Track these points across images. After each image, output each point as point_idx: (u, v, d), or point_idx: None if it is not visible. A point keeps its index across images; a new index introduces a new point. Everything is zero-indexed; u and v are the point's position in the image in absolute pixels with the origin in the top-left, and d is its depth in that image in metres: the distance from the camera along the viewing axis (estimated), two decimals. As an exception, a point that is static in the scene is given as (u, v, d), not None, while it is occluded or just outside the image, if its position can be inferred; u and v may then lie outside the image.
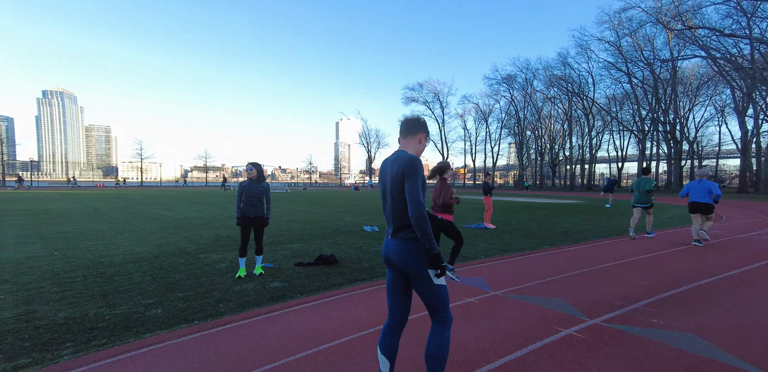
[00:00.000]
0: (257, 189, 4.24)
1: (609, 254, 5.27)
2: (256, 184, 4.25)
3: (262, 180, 4.36)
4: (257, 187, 4.24)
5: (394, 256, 1.67)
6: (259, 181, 4.31)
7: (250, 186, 4.22)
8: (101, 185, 43.78)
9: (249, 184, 4.22)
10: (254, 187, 4.23)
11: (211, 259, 4.92)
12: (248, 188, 4.20)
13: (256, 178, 4.27)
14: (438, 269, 1.58)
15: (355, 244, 5.97)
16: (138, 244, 5.94)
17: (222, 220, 9.39)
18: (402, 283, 1.74)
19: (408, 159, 1.64)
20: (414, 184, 1.60)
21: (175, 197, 20.41)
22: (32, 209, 11.64)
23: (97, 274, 4.10)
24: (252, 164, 4.31)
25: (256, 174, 4.28)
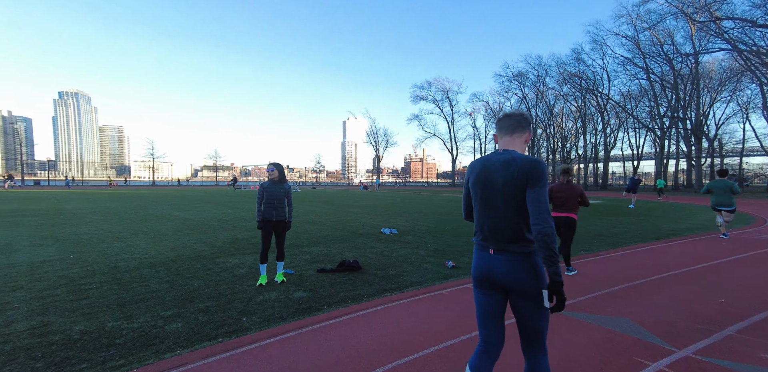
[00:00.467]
0: (278, 191, 4.00)
1: (656, 262, 4.88)
2: (278, 186, 4.01)
3: (284, 181, 4.12)
4: (278, 188, 4.01)
5: (502, 274, 1.41)
6: (281, 182, 4.07)
7: (272, 188, 3.98)
8: (115, 184, 44.51)
9: (270, 185, 3.99)
10: (275, 188, 3.99)
11: (228, 264, 4.71)
12: (269, 190, 3.96)
13: (277, 179, 4.03)
14: (556, 294, 1.32)
15: (375, 248, 5.70)
16: (153, 246, 5.79)
17: (235, 221, 9.24)
18: (502, 307, 1.49)
19: (533, 162, 1.38)
20: (542, 192, 1.36)
21: (186, 197, 20.48)
22: (47, 209, 11.70)
23: (113, 280, 3.92)
24: (273, 165, 4.07)
25: (278, 175, 4.04)
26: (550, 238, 1.30)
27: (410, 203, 16.46)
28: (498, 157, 1.48)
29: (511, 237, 1.41)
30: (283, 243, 4.10)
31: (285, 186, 4.10)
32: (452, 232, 7.51)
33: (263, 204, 3.97)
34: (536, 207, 1.34)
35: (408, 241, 6.40)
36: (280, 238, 4.07)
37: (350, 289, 3.66)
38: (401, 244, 6.11)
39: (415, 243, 6.18)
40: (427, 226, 8.43)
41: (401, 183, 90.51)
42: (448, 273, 4.24)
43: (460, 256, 5.16)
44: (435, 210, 12.72)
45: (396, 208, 13.70)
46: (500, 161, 1.46)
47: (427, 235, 6.98)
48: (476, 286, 1.52)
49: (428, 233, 7.28)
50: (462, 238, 6.74)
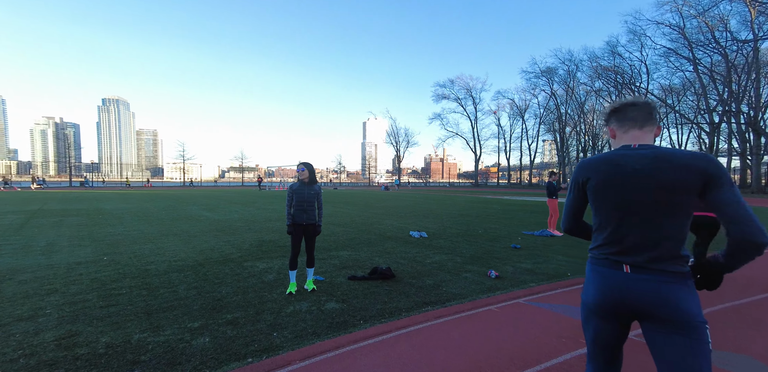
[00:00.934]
0: (309, 193, 3.76)
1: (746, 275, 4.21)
2: (308, 187, 3.77)
3: (314, 182, 3.88)
4: (308, 190, 3.77)
5: (645, 299, 1.08)
6: (311, 183, 3.83)
7: (302, 189, 3.75)
8: (149, 185, 47.02)
9: (300, 187, 3.76)
10: (305, 190, 3.75)
11: (256, 268, 4.54)
12: (299, 192, 3.73)
13: (308, 180, 3.79)
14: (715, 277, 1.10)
15: (407, 254, 5.36)
16: (182, 248, 5.76)
17: (262, 222, 9.21)
18: (624, 337, 1.20)
19: (704, 157, 1.06)
20: (737, 192, 1.04)
21: (215, 197, 21.08)
22: (89, 209, 12.30)
23: (142, 284, 3.83)
24: (304, 164, 3.84)
25: (308, 175, 3.80)
26: (760, 249, 0.99)
27: (435, 204, 15.98)
28: (639, 154, 1.13)
29: (666, 253, 1.07)
30: (313, 248, 3.86)
31: (315, 187, 3.85)
32: (486, 236, 7.03)
33: (293, 206, 3.75)
34: (736, 210, 1.01)
35: (440, 245, 6.01)
36: (310, 242, 3.83)
37: (386, 301, 3.34)
38: (433, 249, 5.74)
39: (448, 248, 5.78)
40: (457, 229, 7.98)
41: (422, 183, 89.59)
42: (492, 284, 3.83)
43: (501, 264, 4.72)
44: (463, 212, 12.20)
45: (421, 209, 13.28)
46: (647, 158, 1.11)
47: (460, 240, 6.55)
48: (594, 312, 1.18)
49: (460, 237, 6.85)
50: (498, 243, 6.26)
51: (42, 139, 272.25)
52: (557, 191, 7.18)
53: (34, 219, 9.38)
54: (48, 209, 12.06)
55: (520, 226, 8.50)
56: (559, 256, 5.22)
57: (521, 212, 12.04)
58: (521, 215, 11.00)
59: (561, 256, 5.18)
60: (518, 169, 63.82)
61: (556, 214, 7.11)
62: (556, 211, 7.13)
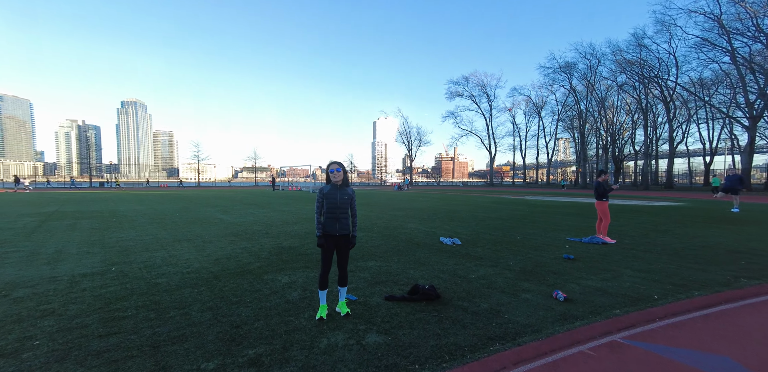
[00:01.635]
0: (342, 197, 3.17)
1: None
2: (341, 191, 3.18)
3: (347, 185, 3.29)
4: (341, 194, 3.18)
5: None
6: (345, 186, 3.24)
7: (333, 193, 3.16)
8: (165, 185, 47.75)
9: (332, 190, 3.17)
10: (338, 194, 3.16)
11: (278, 283, 3.99)
12: (331, 196, 3.14)
13: (341, 182, 3.20)
14: None
15: (444, 266, 4.72)
16: (197, 256, 5.28)
17: (279, 225, 8.72)
18: None
19: None
20: None
21: (229, 198, 20.89)
22: (103, 211, 12.12)
23: (150, 304, 3.32)
24: (337, 164, 3.25)
25: (342, 177, 3.21)
26: None
27: (455, 205, 15.24)
28: None
29: None
30: (346, 264, 3.27)
31: (349, 191, 3.26)
32: (527, 243, 6.30)
33: (323, 214, 3.16)
34: None
35: (479, 255, 5.34)
36: (343, 257, 3.24)
37: (439, 334, 2.72)
38: (473, 259, 5.07)
39: (490, 259, 5.10)
40: (492, 234, 7.27)
41: (434, 183, 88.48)
42: (564, 310, 3.14)
43: (561, 280, 4.01)
44: (489, 214, 11.44)
45: (443, 211, 12.58)
46: None
47: (500, 248, 5.86)
48: None
49: (499, 245, 6.15)
50: (546, 252, 5.54)
51: (66, 141, 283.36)
52: (608, 192, 6.35)
53: (49, 222, 9.15)
54: (64, 211, 11.93)
55: (561, 231, 7.71)
56: (626, 270, 4.46)
57: (554, 215, 11.19)
58: (556, 218, 10.17)
59: (629, 271, 4.42)
60: (534, 168, 62.04)
61: (606, 218, 6.30)
62: (606, 215, 6.32)
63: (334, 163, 3.26)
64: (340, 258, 3.24)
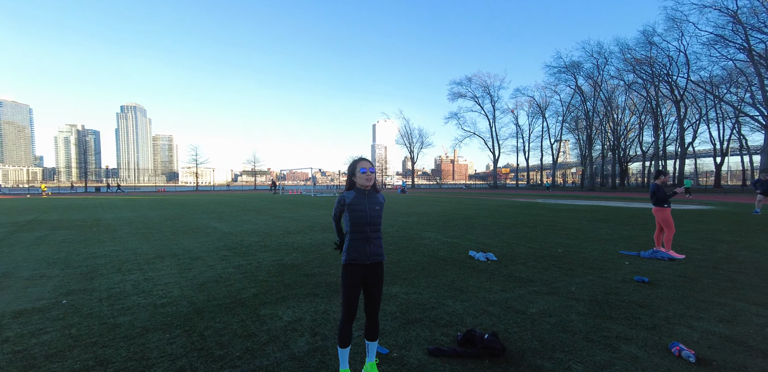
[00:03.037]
0: (373, 208, 2.22)
1: None
2: (371, 200, 2.23)
3: (378, 190, 2.32)
4: (372, 203, 2.23)
5: None
6: (375, 191, 2.27)
7: (361, 203, 2.21)
8: (163, 190, 46.76)
9: (358, 198, 2.22)
10: (369, 205, 2.21)
11: (279, 322, 2.99)
12: (359, 208, 2.20)
13: (370, 186, 2.23)
14: None
15: (488, 292, 3.72)
16: (178, 280, 4.27)
17: (279, 236, 7.72)
18: None
19: None
20: None
21: (226, 203, 19.88)
22: (87, 220, 11.10)
23: (95, 364, 2.31)
24: (368, 162, 2.32)
25: (373, 179, 2.25)
26: None
27: (468, 210, 14.23)
28: None
29: None
30: (378, 306, 2.28)
31: (380, 199, 2.30)
32: (575, 259, 5.29)
33: (349, 232, 2.19)
34: None
35: (527, 276, 4.33)
36: (374, 296, 2.26)
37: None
38: (521, 282, 4.06)
39: (542, 282, 4.10)
40: (526, 246, 6.27)
41: (436, 185, 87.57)
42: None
43: (662, 321, 2.99)
44: (510, 220, 10.42)
45: (458, 216, 11.57)
46: None
47: (548, 266, 4.85)
48: None
49: (542, 261, 5.14)
50: (606, 271, 4.53)
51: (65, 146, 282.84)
52: (669, 197, 5.32)
53: (17, 234, 8.12)
54: (42, 220, 10.91)
55: (604, 241, 6.71)
56: (741, 303, 3.36)
57: (582, 221, 10.18)
58: (585, 225, 9.16)
59: (745, 304, 3.33)
60: (539, 170, 61.04)
61: (669, 228, 5.25)
62: (669, 224, 5.26)
63: (365, 160, 2.28)
64: (369, 298, 2.25)
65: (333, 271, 4.67)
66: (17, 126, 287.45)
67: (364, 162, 2.28)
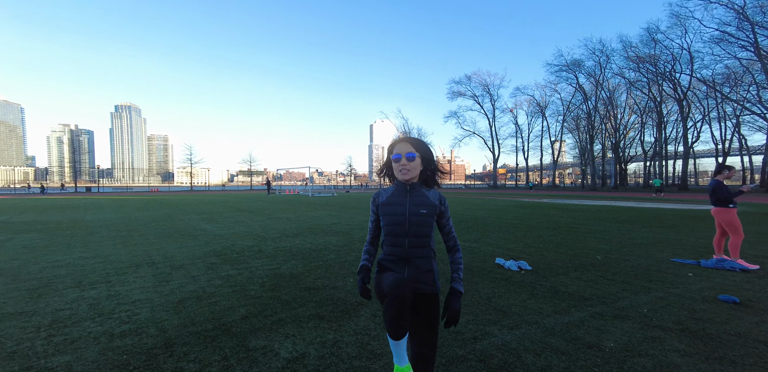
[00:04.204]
0: (416, 211, 1.50)
1: None
2: (414, 196, 1.53)
3: (429, 185, 1.60)
4: (415, 204, 1.51)
5: None
6: (422, 187, 1.56)
7: (399, 202, 1.53)
8: (156, 190, 45.61)
9: (396, 196, 1.55)
10: (409, 205, 1.52)
11: (276, 360, 2.21)
12: (393, 209, 1.52)
13: (416, 179, 1.50)
14: None
15: (539, 315, 2.95)
16: (152, 295, 3.46)
17: (275, 239, 6.91)
18: None
19: None
20: None
21: (220, 203, 18.99)
22: (63, 221, 10.19)
23: None
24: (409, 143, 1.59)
25: (418, 168, 1.50)
26: None
27: (477, 210, 13.49)
28: None
29: None
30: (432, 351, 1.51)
31: (431, 197, 1.54)
32: (623, 268, 4.55)
33: (384, 243, 1.46)
34: None
35: (577, 292, 3.57)
36: (425, 336, 1.49)
37: None
38: (576, 301, 3.29)
39: (600, 299, 3.33)
40: (558, 252, 5.52)
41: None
42: None
43: None
44: (525, 222, 9.69)
45: (468, 217, 10.82)
46: None
47: (594, 277, 4.09)
48: None
49: (585, 271, 4.39)
50: (674, 286, 3.79)
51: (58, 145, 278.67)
52: (734, 196, 4.57)
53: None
54: (11, 222, 9.98)
55: (645, 247, 5.97)
56: None
57: (605, 222, 9.46)
58: (614, 228, 8.42)
59: None
60: (538, 170, 60.58)
61: (736, 233, 4.39)
62: (736, 228, 4.37)
63: (403, 141, 1.53)
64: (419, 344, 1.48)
65: (339, 284, 3.88)
66: (8, 125, 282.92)
67: (402, 144, 1.52)
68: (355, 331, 2.67)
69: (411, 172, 1.48)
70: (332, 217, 10.85)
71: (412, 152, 1.48)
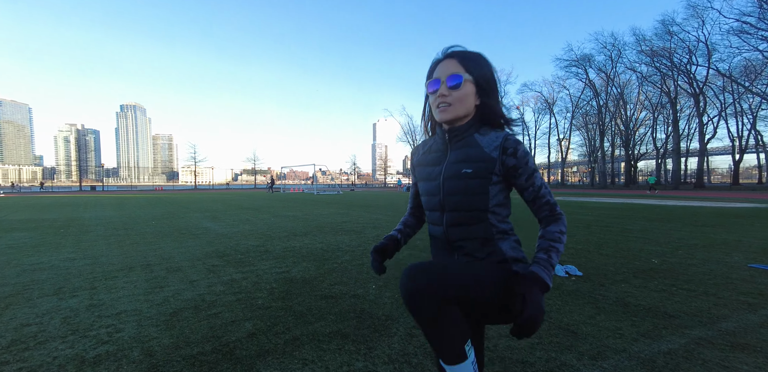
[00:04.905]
0: (454, 170, 1.00)
1: None
2: (455, 149, 1.00)
3: (480, 132, 1.02)
4: (457, 159, 0.99)
5: None
6: (468, 132, 1.00)
7: (435, 158, 1.07)
8: (160, 188, 45.45)
9: (434, 151, 1.07)
10: (450, 159, 1.02)
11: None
12: (426, 170, 1.08)
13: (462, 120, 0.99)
14: None
15: (620, 338, 2.34)
16: (141, 306, 2.91)
17: (282, 238, 6.35)
18: None
19: None
20: None
21: (223, 201, 18.52)
22: (59, 219, 9.73)
23: None
24: (454, 60, 0.95)
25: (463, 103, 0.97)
26: None
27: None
28: None
29: None
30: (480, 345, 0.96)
31: (489, 143, 0.97)
32: (697, 276, 3.91)
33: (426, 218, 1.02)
34: None
35: (659, 308, 2.95)
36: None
37: None
38: (660, 319, 2.67)
39: (695, 319, 2.71)
40: (603, 255, 4.89)
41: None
42: None
43: None
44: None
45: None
46: None
47: (668, 287, 3.47)
48: None
49: (650, 278, 3.76)
50: (764, 300, 3.14)
51: (65, 145, 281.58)
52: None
53: (-31, 235, 6.76)
54: (6, 220, 9.53)
55: (703, 249, 5.30)
56: None
57: (638, 221, 8.78)
58: (652, 227, 7.72)
59: None
60: (544, 168, 59.63)
61: None
62: None
63: (448, 59, 0.96)
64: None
65: (360, 292, 3.30)
66: (17, 125, 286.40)
67: (444, 63, 0.96)
68: (390, 357, 2.08)
69: (453, 108, 0.93)
70: (341, 216, 10.29)
71: (457, 74, 0.91)
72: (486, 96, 0.97)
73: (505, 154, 0.93)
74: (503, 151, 0.93)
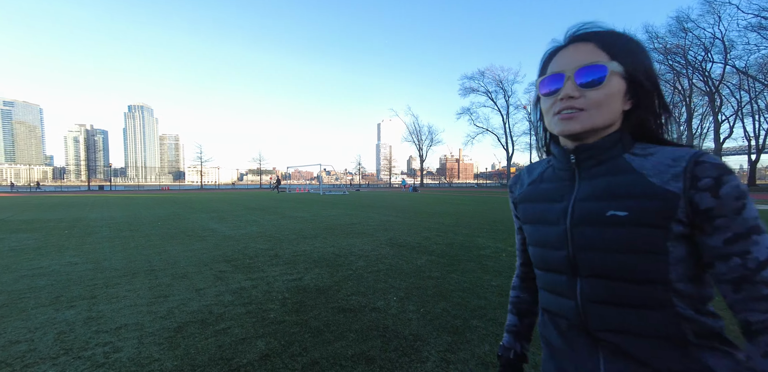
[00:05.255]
0: (596, 210, 0.58)
1: None
2: (601, 173, 0.59)
3: (628, 150, 0.60)
4: (594, 194, 0.58)
5: None
6: (612, 153, 0.59)
7: (551, 194, 0.66)
8: (167, 188, 45.75)
9: (551, 180, 0.67)
10: (579, 196, 0.60)
11: None
12: (538, 211, 0.66)
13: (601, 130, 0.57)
14: None
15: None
16: (143, 319, 2.65)
17: (292, 241, 6.09)
18: None
19: None
20: None
21: (230, 201, 18.40)
22: (66, 219, 9.61)
23: None
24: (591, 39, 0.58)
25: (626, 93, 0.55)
26: None
27: (502, 211, 12.49)
28: None
29: None
30: None
31: (656, 168, 0.55)
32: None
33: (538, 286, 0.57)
34: None
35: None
36: None
37: None
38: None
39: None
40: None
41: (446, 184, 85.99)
42: None
43: None
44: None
45: (499, 218, 9.86)
46: None
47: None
48: None
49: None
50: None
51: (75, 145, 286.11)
52: None
53: (-27, 236, 6.61)
54: (9, 220, 9.41)
55: None
56: None
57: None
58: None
59: None
60: (552, 168, 58.61)
61: None
62: None
63: (576, 42, 0.59)
64: None
65: (381, 305, 3.01)
66: (28, 126, 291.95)
67: (571, 48, 0.59)
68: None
69: (588, 115, 0.56)
70: (350, 217, 10.02)
71: (597, 64, 0.56)
72: (646, 97, 0.60)
73: (694, 187, 0.52)
74: (692, 181, 0.52)
